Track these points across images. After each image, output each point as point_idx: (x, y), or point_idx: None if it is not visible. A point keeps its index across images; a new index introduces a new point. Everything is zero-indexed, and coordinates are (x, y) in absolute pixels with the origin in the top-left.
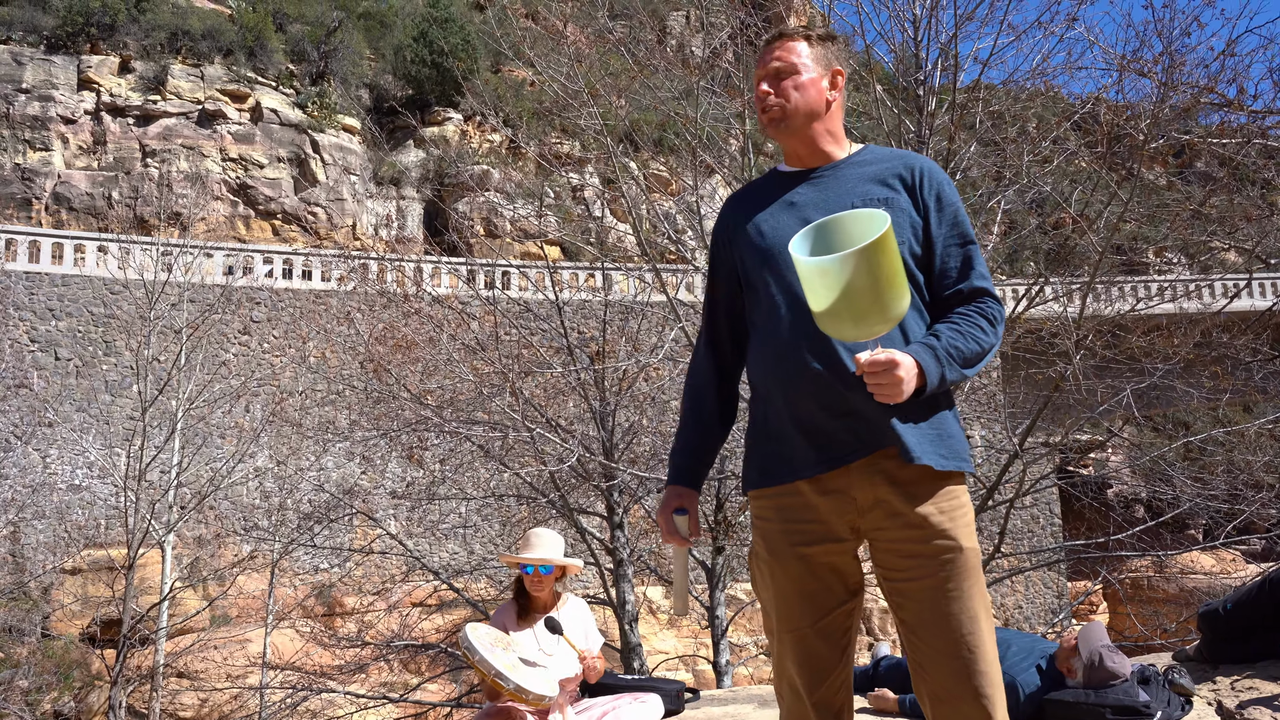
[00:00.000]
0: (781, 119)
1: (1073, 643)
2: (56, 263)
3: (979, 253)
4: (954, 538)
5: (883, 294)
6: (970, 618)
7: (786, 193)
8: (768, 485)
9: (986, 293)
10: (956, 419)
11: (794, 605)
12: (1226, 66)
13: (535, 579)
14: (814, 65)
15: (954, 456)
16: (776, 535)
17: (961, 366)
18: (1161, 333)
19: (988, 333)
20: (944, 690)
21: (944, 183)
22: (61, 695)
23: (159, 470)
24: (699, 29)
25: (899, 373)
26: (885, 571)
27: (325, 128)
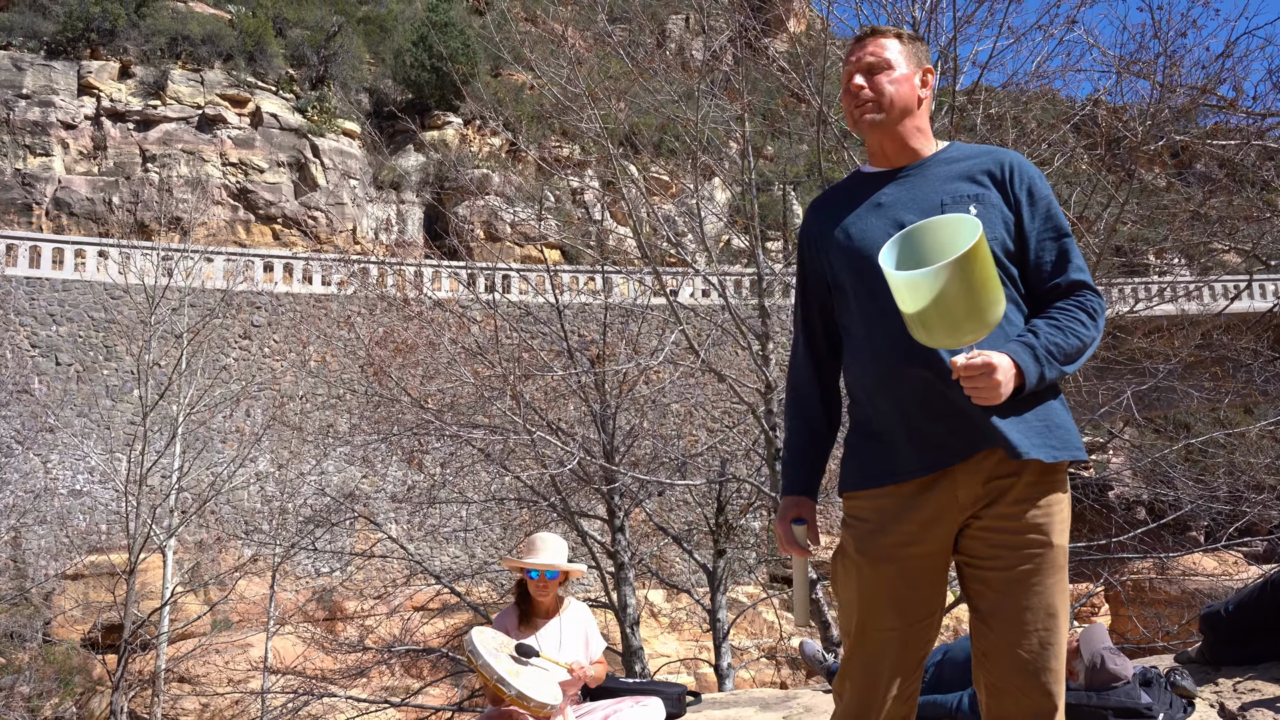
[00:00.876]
0: (876, 112)
1: (1074, 645)
2: (57, 268)
3: (1075, 246)
4: (1047, 533)
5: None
6: (1048, 614)
7: (873, 193)
8: (868, 487)
9: (1085, 285)
10: (1064, 407)
11: (881, 607)
12: (1224, 68)
13: (539, 584)
14: (906, 62)
15: (1064, 446)
16: (871, 536)
17: (1061, 363)
18: (1162, 334)
19: (1088, 327)
20: (1008, 682)
21: (1035, 177)
22: (63, 701)
23: (160, 475)
24: (699, 32)
25: (996, 376)
26: (970, 559)
27: (325, 132)
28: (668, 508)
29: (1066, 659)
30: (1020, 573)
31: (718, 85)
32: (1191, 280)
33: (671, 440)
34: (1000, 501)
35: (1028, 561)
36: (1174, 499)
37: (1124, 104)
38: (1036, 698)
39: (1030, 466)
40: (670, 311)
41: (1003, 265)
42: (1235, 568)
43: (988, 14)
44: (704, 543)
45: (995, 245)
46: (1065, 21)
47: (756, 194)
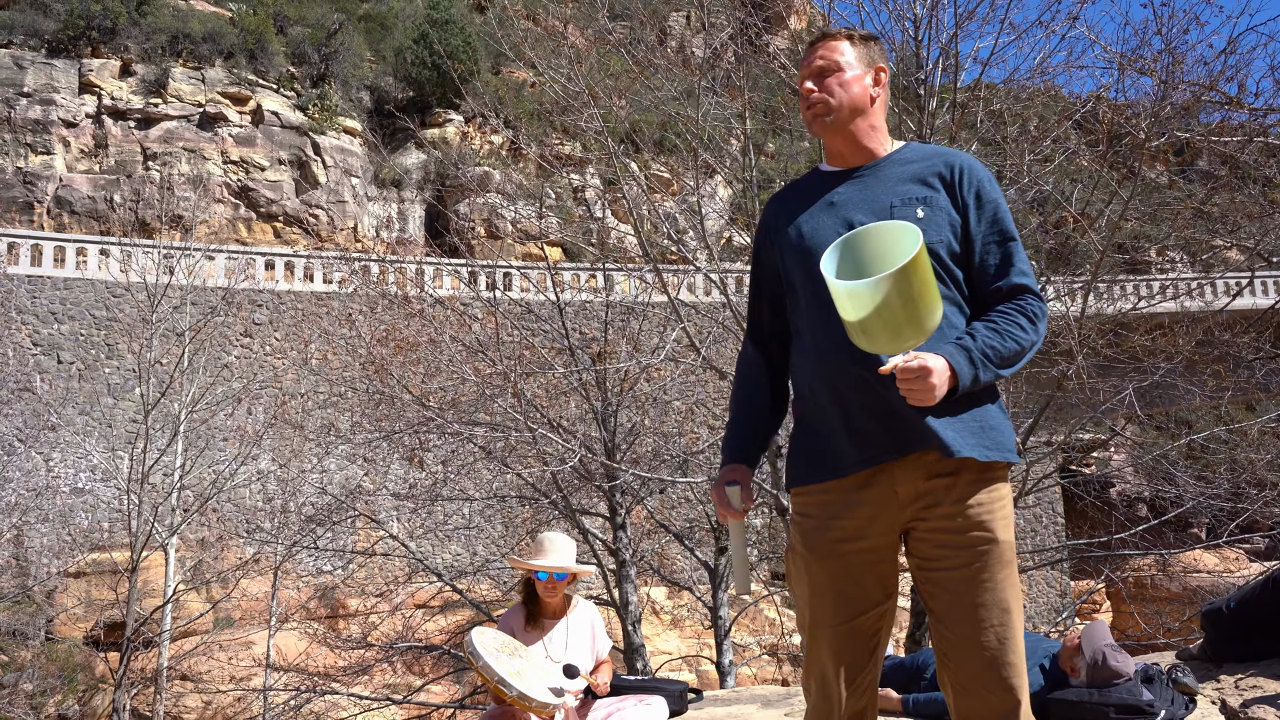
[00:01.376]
0: (826, 114)
1: (1076, 642)
2: (59, 266)
3: (1020, 250)
4: (991, 529)
5: (917, 311)
6: (1002, 609)
7: (827, 192)
8: (811, 482)
9: (1027, 289)
10: (1001, 410)
11: (828, 602)
12: (1227, 64)
13: (549, 585)
14: (857, 63)
15: (996, 447)
16: (816, 531)
17: (997, 366)
18: (1164, 331)
19: (1027, 330)
20: (970, 680)
21: (984, 179)
22: (65, 699)
23: (162, 473)
24: (699, 29)
25: (931, 379)
26: (920, 561)
27: (326, 130)
28: (669, 505)
29: (1068, 655)
30: (970, 570)
31: (719, 82)
32: (1193, 277)
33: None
34: (943, 501)
35: (976, 559)
36: (1175, 496)
37: (1126, 101)
38: (999, 693)
39: (968, 465)
40: (671, 309)
41: (948, 268)
42: (1237, 564)
43: (989, 10)
44: (705, 540)
45: (941, 248)
46: (1067, 18)
47: (758, 191)
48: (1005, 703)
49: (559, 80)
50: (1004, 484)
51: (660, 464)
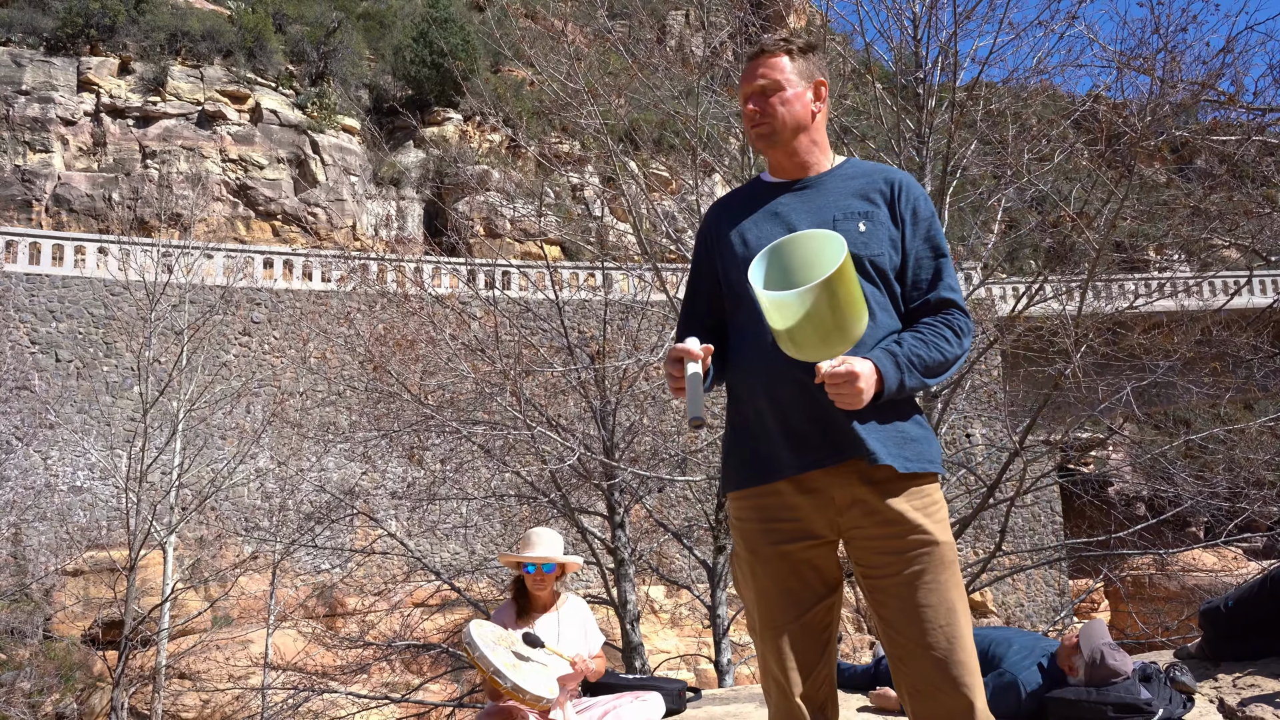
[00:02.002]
0: (769, 135)
1: (1074, 641)
2: (57, 264)
3: (950, 266)
4: (929, 532)
5: (843, 320)
6: (948, 609)
7: (770, 201)
8: (748, 485)
9: (954, 304)
10: (921, 423)
11: (775, 603)
12: (1225, 63)
13: (537, 578)
14: (797, 79)
15: (918, 459)
16: (756, 534)
17: (922, 374)
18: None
19: (952, 343)
20: (924, 682)
21: (920, 197)
22: (64, 697)
23: (160, 471)
24: (699, 28)
25: (859, 383)
26: (864, 569)
27: (325, 128)
28: (668, 504)
29: (1066, 654)
30: (912, 574)
31: (718, 81)
32: (1191, 276)
33: (671, 436)
34: (879, 510)
35: (916, 562)
36: (1174, 495)
37: (1124, 99)
38: (952, 693)
39: (894, 471)
40: (670, 308)
41: (889, 281)
42: (1235, 563)
43: (988, 9)
44: (704, 539)
45: (883, 261)
46: (1066, 17)
47: None
48: (958, 702)
49: (558, 78)
50: (933, 487)
51: (659, 463)
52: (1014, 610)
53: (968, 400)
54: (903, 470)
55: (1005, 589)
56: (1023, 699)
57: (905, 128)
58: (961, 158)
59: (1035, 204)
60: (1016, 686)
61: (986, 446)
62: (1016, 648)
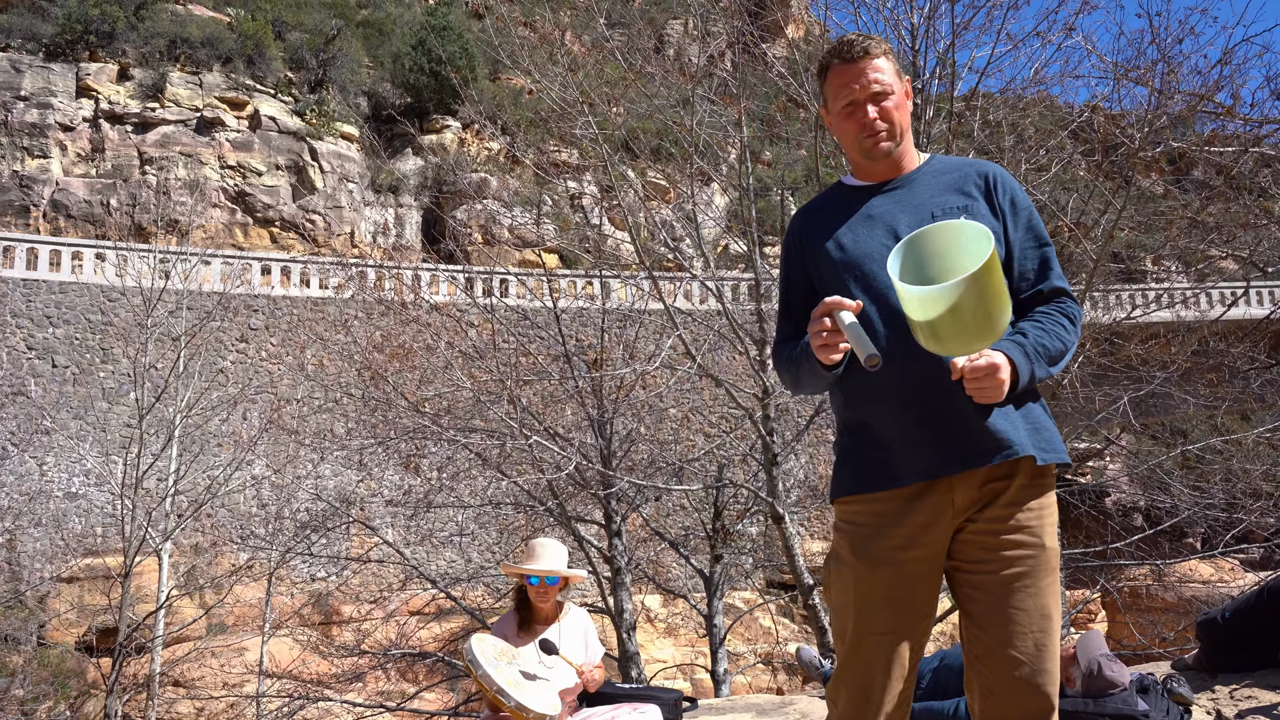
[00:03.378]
0: (891, 140)
1: (1071, 651)
2: (54, 270)
3: (1054, 254)
4: (1038, 535)
5: (991, 312)
6: (1042, 616)
7: (861, 205)
8: (865, 491)
9: (1065, 292)
10: (1046, 411)
11: (877, 611)
12: (1222, 75)
13: (540, 590)
14: (897, 81)
15: (1051, 449)
16: (868, 540)
17: (1047, 364)
18: (1159, 341)
19: (1069, 331)
20: (1002, 684)
21: (1016, 188)
22: (57, 704)
23: (156, 478)
24: (696, 37)
25: (999, 375)
26: (961, 564)
27: (323, 135)
28: (665, 513)
29: (1063, 666)
30: (1012, 574)
31: (715, 90)
32: (1188, 287)
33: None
34: (993, 505)
35: (1020, 564)
36: (1171, 505)
37: (1122, 110)
38: (1034, 699)
39: (1022, 469)
40: (667, 316)
41: None
42: (1232, 575)
43: (986, 20)
44: (701, 548)
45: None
46: (1063, 28)
47: (754, 199)
48: (1039, 707)
49: (555, 87)
50: (1052, 490)
51: (656, 471)
52: None
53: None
54: (1042, 461)
55: None
56: None
57: None
58: None
59: None
60: None
61: None
62: None
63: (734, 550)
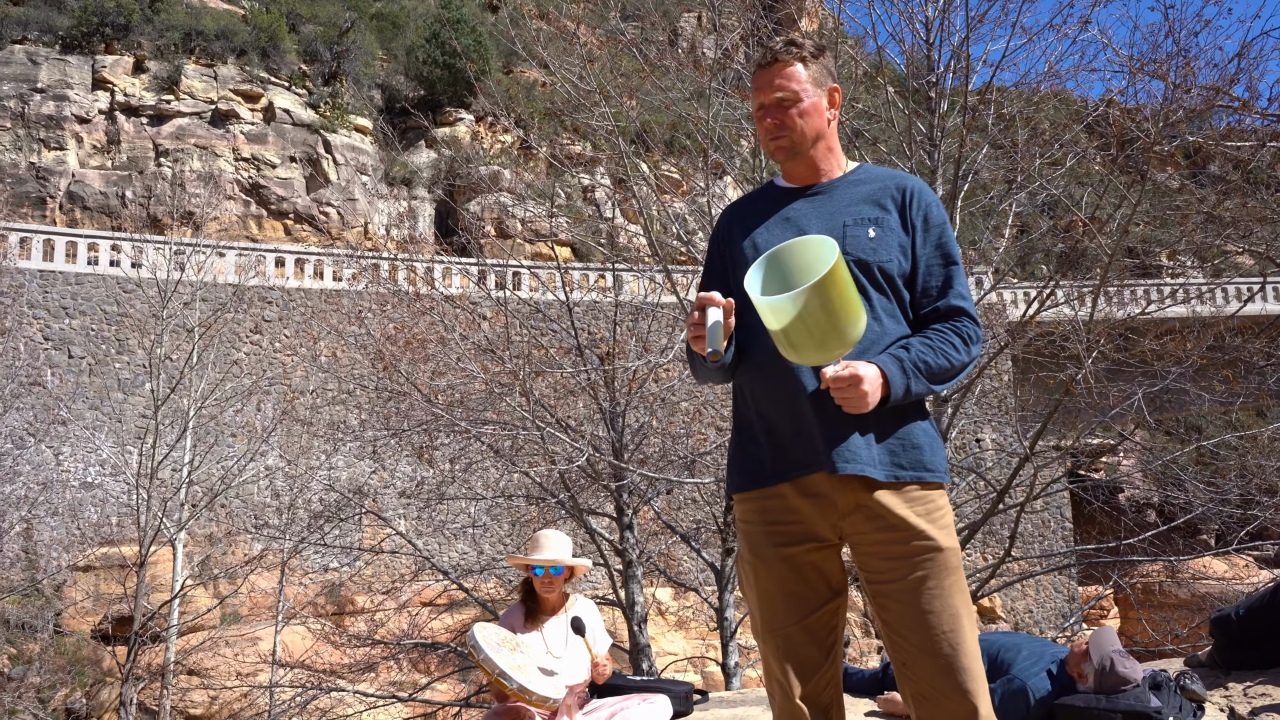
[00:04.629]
0: (790, 149)
1: (1084, 647)
2: (70, 261)
3: (961, 273)
4: (933, 537)
5: (839, 322)
6: (952, 615)
7: (783, 207)
8: (752, 488)
9: (964, 312)
10: (927, 428)
11: (779, 605)
12: (1239, 69)
13: (545, 580)
14: (813, 88)
15: (915, 467)
16: (760, 537)
17: (929, 380)
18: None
19: (960, 350)
20: (928, 688)
21: (932, 204)
22: (73, 692)
23: (171, 468)
24: (710, 30)
25: (863, 386)
26: (868, 575)
27: (337, 128)
28: (676, 506)
29: (1076, 662)
30: (916, 579)
31: (729, 83)
32: (1204, 282)
33: (680, 438)
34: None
35: (920, 568)
36: (1185, 502)
37: (1137, 104)
38: (957, 699)
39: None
40: (680, 309)
41: (897, 288)
42: (1246, 571)
43: (1000, 13)
44: (712, 541)
45: (892, 267)
46: (1079, 21)
47: None
48: (963, 708)
49: (570, 79)
50: (938, 493)
51: (667, 464)
52: (1023, 616)
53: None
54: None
55: (1014, 595)
56: (1031, 705)
57: (917, 131)
58: (973, 162)
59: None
60: (1025, 693)
61: (996, 452)
62: (1025, 654)
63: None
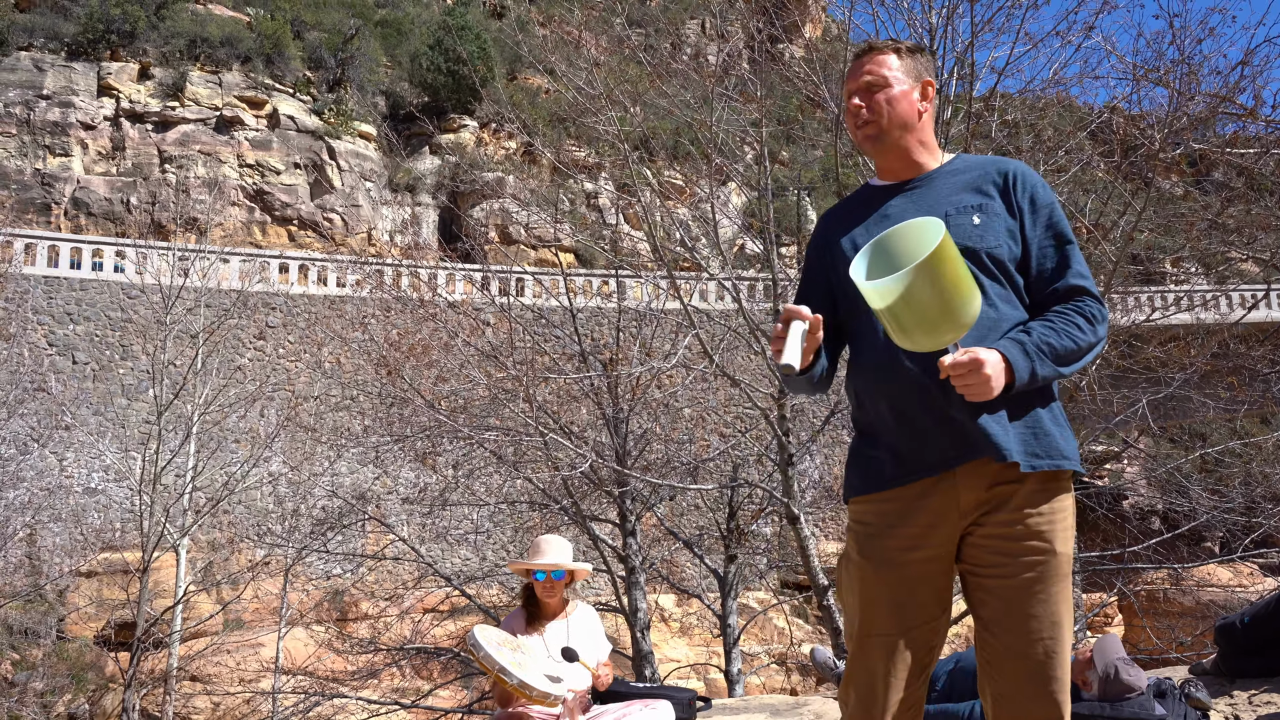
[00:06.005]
0: (876, 134)
1: (1088, 655)
2: (75, 267)
3: (1077, 252)
4: (1049, 540)
5: (949, 302)
6: (1053, 622)
7: (880, 206)
8: (870, 491)
9: (1085, 291)
10: (1057, 414)
11: (881, 611)
12: (1243, 76)
13: (546, 585)
14: (905, 77)
15: (1049, 454)
16: (874, 540)
17: (1055, 363)
18: (1178, 343)
19: (1085, 330)
20: (1014, 690)
21: (1038, 184)
22: (76, 698)
23: (174, 474)
24: (714, 37)
25: (985, 371)
26: (973, 567)
27: (342, 134)
28: (679, 512)
29: (1080, 669)
30: (1024, 580)
31: (733, 89)
32: (1208, 289)
33: (684, 444)
34: (1003, 508)
35: (1031, 569)
36: (1189, 509)
37: (1141, 111)
38: (1044, 706)
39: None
40: (684, 316)
41: (1009, 274)
42: (1251, 579)
43: (1005, 20)
44: (715, 548)
45: (1002, 253)
46: (1083, 28)
47: (772, 199)
48: (1049, 715)
49: (576, 84)
50: (1067, 495)
51: (670, 470)
52: None
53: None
54: (1027, 469)
55: None
56: None
57: None
58: None
59: None
60: None
61: None
62: None
63: (748, 550)
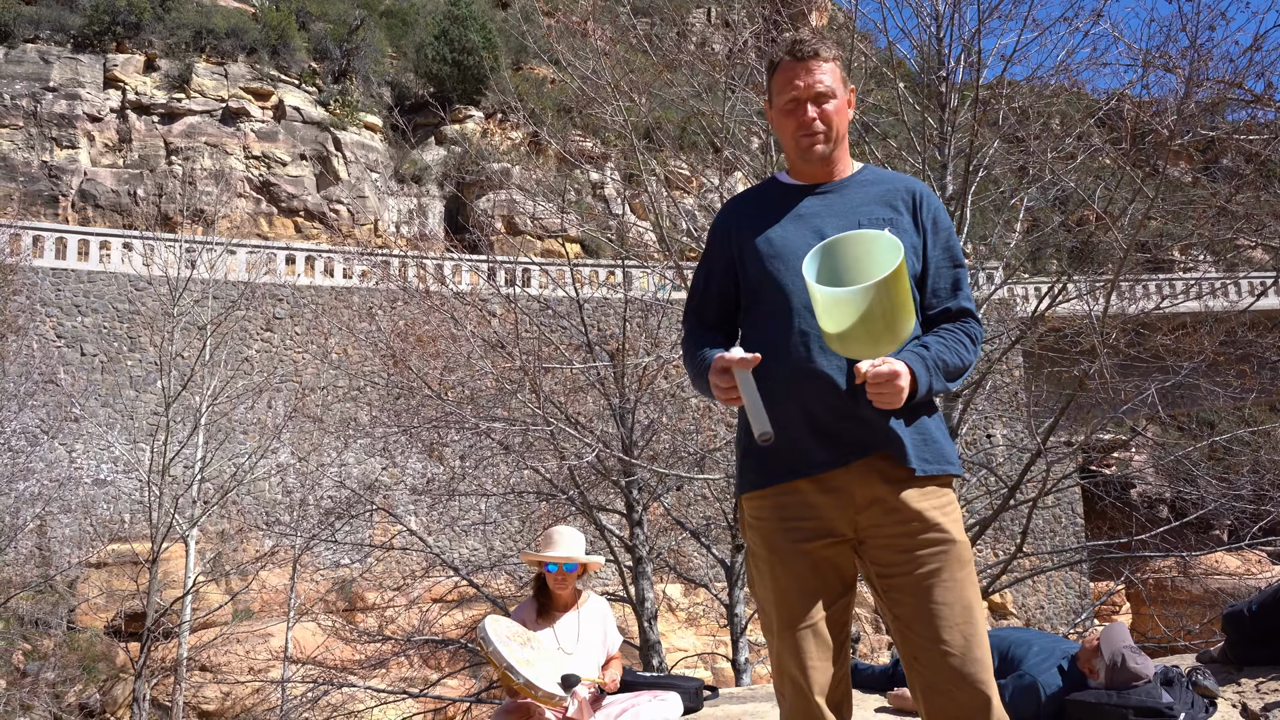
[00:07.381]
0: (827, 143)
1: (1095, 643)
2: (82, 259)
3: (966, 276)
4: (946, 530)
5: (896, 320)
6: (964, 608)
7: (793, 204)
8: (768, 485)
9: (971, 314)
10: (940, 424)
11: (795, 601)
12: (1253, 61)
13: (558, 577)
14: (842, 87)
15: (937, 460)
16: (776, 533)
17: (945, 378)
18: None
19: (969, 350)
20: (939, 680)
21: (939, 208)
22: (87, 688)
23: (182, 465)
24: (720, 25)
25: (900, 382)
26: (880, 568)
27: (347, 125)
28: (686, 502)
29: (1087, 657)
30: (930, 570)
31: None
32: (1217, 277)
33: (690, 435)
34: (898, 507)
35: (935, 559)
36: (1197, 497)
37: (1150, 98)
38: (969, 692)
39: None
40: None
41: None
42: (1259, 567)
43: (1012, 6)
44: (722, 538)
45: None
46: (1091, 14)
47: None
48: (975, 699)
49: (582, 73)
50: (949, 489)
51: (677, 461)
52: (1034, 612)
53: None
54: (921, 473)
55: (1026, 591)
56: (1042, 701)
57: (928, 126)
58: (984, 156)
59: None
60: (1036, 688)
61: (1008, 447)
62: (1037, 650)
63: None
